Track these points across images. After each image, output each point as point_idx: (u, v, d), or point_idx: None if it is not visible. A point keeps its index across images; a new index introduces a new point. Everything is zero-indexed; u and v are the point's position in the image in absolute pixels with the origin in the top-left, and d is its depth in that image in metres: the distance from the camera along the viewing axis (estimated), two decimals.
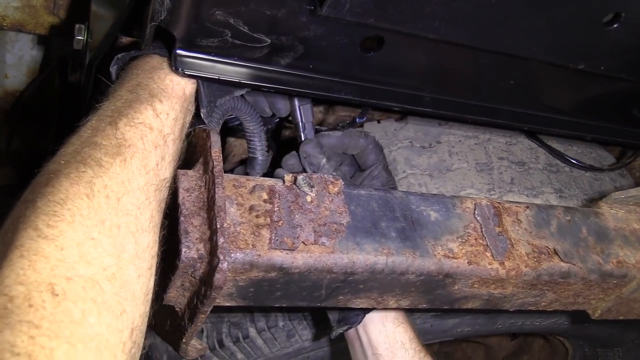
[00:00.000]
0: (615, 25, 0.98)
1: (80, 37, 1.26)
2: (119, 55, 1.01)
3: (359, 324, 1.33)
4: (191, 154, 1.04)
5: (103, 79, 1.30)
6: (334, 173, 1.20)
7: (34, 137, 2.06)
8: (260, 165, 1.20)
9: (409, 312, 1.49)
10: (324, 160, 1.17)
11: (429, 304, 1.13)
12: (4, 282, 0.65)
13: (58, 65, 1.55)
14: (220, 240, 0.85)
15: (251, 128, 1.17)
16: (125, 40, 1.13)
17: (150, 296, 0.82)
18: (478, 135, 1.75)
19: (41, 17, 1.57)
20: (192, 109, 1.03)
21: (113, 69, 1.03)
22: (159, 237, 0.87)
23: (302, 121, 1.21)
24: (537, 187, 1.70)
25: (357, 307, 1.09)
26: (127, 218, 0.80)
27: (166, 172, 0.92)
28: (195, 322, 0.94)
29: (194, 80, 0.99)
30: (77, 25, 1.27)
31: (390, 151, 1.70)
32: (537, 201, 1.67)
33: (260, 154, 1.19)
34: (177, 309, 0.99)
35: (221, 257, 0.84)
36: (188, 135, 1.07)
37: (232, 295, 0.97)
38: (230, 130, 1.46)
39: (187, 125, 1.02)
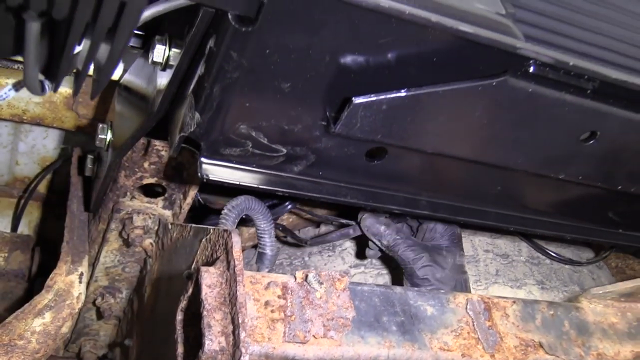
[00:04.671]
0: (591, 142, 1.11)
1: (103, 136, 1.37)
2: None
3: None
4: (211, 251, 1.13)
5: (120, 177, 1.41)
6: (397, 236, 1.32)
7: (41, 222, 2.14)
8: (269, 260, 1.29)
9: None
10: (383, 227, 1.30)
11: None
12: None
13: (75, 157, 1.65)
14: (242, 334, 0.93)
15: (262, 226, 1.27)
16: (158, 144, 1.24)
17: None
18: (465, 229, 1.87)
19: (60, 112, 1.68)
20: None
21: None
22: None
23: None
24: (520, 278, 1.81)
25: None
26: None
27: None
28: None
29: None
30: (100, 125, 1.38)
31: None
32: (521, 292, 1.78)
33: (270, 250, 1.29)
34: None
35: (243, 351, 0.92)
36: (205, 233, 1.17)
37: None
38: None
39: None
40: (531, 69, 1.01)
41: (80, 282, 1.50)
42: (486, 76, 0.99)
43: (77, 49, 0.78)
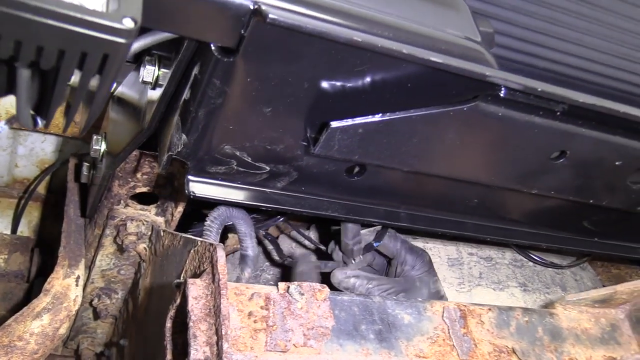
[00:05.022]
0: (561, 160, 1.17)
1: (97, 147, 1.42)
2: None
3: None
4: (199, 262, 1.19)
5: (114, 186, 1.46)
6: (370, 285, 1.38)
7: (40, 222, 2.21)
8: (252, 260, 1.35)
9: None
10: (353, 280, 1.36)
11: None
12: None
13: (71, 165, 1.70)
14: (225, 345, 1.00)
15: (243, 230, 1.34)
16: (150, 155, 1.30)
17: None
18: None
19: (56, 119, 1.73)
20: None
21: None
22: None
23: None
24: (503, 281, 1.87)
25: None
26: None
27: None
28: None
29: None
30: (94, 137, 1.43)
31: None
32: (503, 294, 1.84)
33: (252, 251, 1.35)
34: None
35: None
36: (194, 244, 1.23)
37: None
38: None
39: None
40: (502, 93, 1.05)
41: (76, 285, 1.56)
42: (458, 101, 1.04)
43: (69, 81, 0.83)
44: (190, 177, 1.12)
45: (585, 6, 1.29)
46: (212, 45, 0.96)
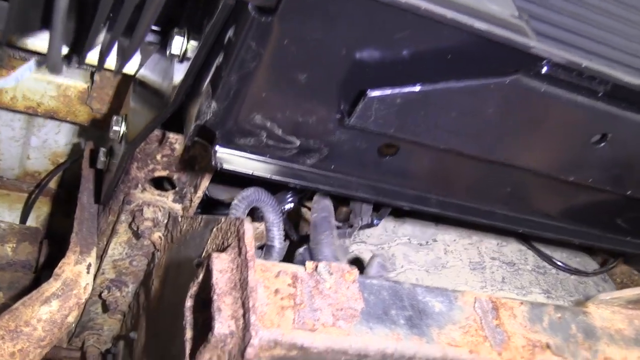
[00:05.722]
0: (602, 145, 1.13)
1: (117, 128, 1.38)
2: None
3: None
4: (222, 239, 1.14)
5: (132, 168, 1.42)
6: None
7: (49, 217, 2.16)
8: (277, 253, 1.30)
9: None
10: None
11: None
12: None
13: (87, 150, 1.66)
14: (252, 318, 0.94)
15: (271, 219, 1.28)
16: (172, 136, 1.26)
17: None
18: (471, 236, 1.87)
19: (74, 106, 1.70)
20: None
21: None
22: None
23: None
24: (526, 287, 1.81)
25: None
26: None
27: None
28: None
29: None
30: (114, 117, 1.39)
31: (389, 247, 1.81)
32: (527, 301, 1.78)
33: (278, 243, 1.29)
34: None
35: (253, 334, 0.93)
36: (217, 222, 1.18)
37: None
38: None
39: None
40: (544, 70, 1.02)
41: (88, 272, 1.51)
42: (499, 74, 1.00)
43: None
44: (217, 148, 1.08)
45: None
46: (249, 4, 0.92)
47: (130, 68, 1.44)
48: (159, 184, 1.54)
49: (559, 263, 1.85)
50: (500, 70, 1.00)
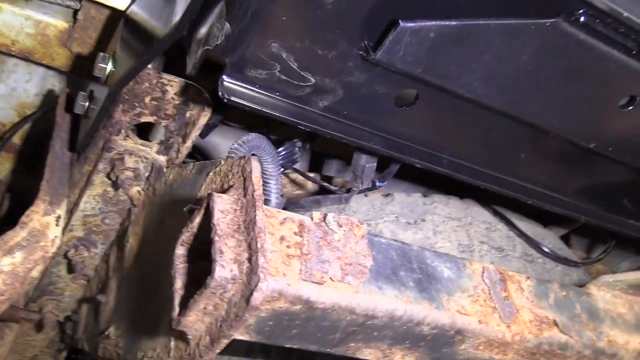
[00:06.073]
0: (629, 108, 1.07)
1: (103, 65, 1.26)
2: None
3: None
4: (221, 182, 1.04)
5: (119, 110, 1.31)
6: None
7: (12, 175, 2.00)
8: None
9: None
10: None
11: None
12: None
13: (63, 96, 1.53)
14: (261, 260, 0.84)
15: (270, 170, 1.18)
16: (164, 77, 1.15)
17: None
18: (460, 217, 1.80)
19: (52, 48, 1.56)
20: None
21: None
22: None
23: None
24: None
25: (365, 357, 1.07)
26: None
27: None
28: (214, 348, 0.91)
29: None
30: (101, 54, 1.28)
31: (377, 224, 1.72)
32: None
33: (275, 197, 1.20)
34: (189, 336, 0.96)
35: (262, 276, 0.83)
36: (214, 165, 1.08)
37: (250, 327, 0.94)
38: None
39: None
40: (582, 19, 0.95)
41: (57, 224, 1.38)
42: (540, 16, 0.93)
43: None
44: (225, 78, 0.98)
45: None
46: None
47: (119, 2, 1.32)
48: (143, 135, 1.43)
49: (547, 250, 1.80)
50: (542, 11, 0.93)
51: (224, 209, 0.93)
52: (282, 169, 1.42)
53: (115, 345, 1.38)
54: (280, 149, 1.39)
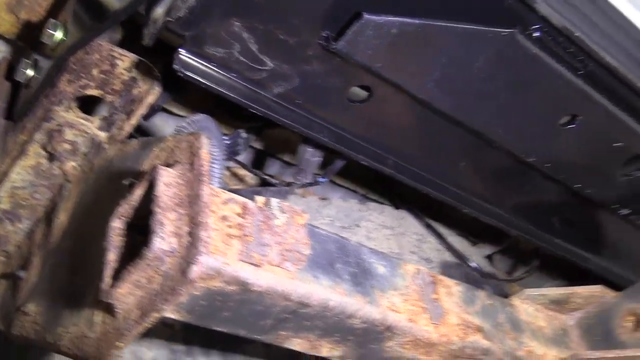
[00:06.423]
0: (570, 126, 1.12)
1: (52, 32, 1.23)
2: None
3: None
4: (166, 158, 1.02)
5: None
6: None
7: None
8: None
9: None
10: None
11: (358, 359, 1.13)
12: None
13: (5, 63, 1.47)
14: (203, 234, 0.83)
15: (215, 154, 1.17)
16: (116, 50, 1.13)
17: None
18: (394, 227, 1.84)
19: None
20: None
21: None
22: None
23: None
24: None
25: (293, 347, 1.07)
26: None
27: None
28: (143, 322, 0.89)
29: None
30: (52, 20, 1.24)
31: None
32: None
33: (217, 182, 1.19)
34: (117, 310, 0.93)
35: (203, 250, 0.82)
36: (160, 141, 1.06)
37: (181, 305, 0.93)
38: None
39: None
40: (537, 34, 1.00)
41: None
42: (498, 24, 0.97)
43: None
44: (182, 51, 0.97)
45: None
46: None
47: None
48: (86, 110, 1.39)
49: (475, 265, 1.85)
50: (501, 21, 0.97)
51: (169, 182, 0.92)
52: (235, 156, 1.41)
53: (34, 322, 1.32)
54: (224, 138, 1.38)
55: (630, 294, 1.36)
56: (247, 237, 0.94)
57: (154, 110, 1.54)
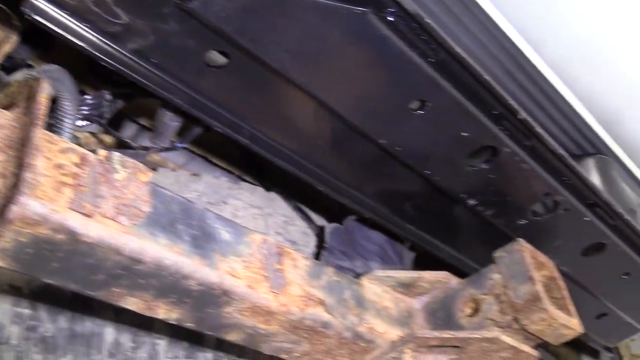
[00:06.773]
0: (419, 112, 1.17)
1: None
2: None
3: None
4: (9, 102, 0.99)
5: None
6: None
7: None
8: None
9: None
10: None
11: (197, 324, 1.13)
12: None
13: None
14: (28, 176, 0.81)
15: (66, 107, 1.14)
16: None
17: None
18: (262, 207, 1.86)
19: None
20: None
21: None
22: None
23: None
24: None
25: (127, 307, 1.06)
26: None
27: None
28: None
29: None
30: None
31: None
32: None
33: (68, 135, 1.16)
34: None
35: (25, 191, 0.80)
36: (7, 85, 1.03)
37: (6, 251, 0.90)
38: None
39: None
40: (390, 17, 1.03)
41: None
42: (351, 2, 1.00)
43: None
44: None
45: None
46: None
47: None
48: None
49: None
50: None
51: (2, 124, 0.89)
52: (87, 122, 1.38)
53: None
54: (87, 97, 1.35)
55: (474, 280, 1.44)
56: (82, 187, 0.92)
57: (17, 64, 1.48)
